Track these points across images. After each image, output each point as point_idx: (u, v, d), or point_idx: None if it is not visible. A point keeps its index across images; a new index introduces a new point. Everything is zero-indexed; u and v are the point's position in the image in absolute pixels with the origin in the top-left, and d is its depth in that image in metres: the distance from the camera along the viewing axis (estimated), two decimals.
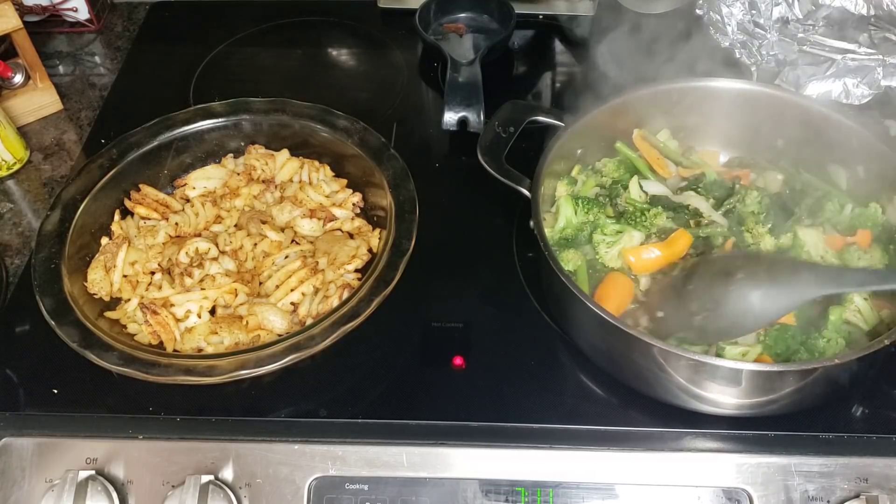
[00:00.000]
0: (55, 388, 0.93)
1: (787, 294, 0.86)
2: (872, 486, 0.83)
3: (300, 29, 1.49)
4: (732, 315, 0.86)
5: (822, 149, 1.03)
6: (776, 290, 0.86)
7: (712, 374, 0.81)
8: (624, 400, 0.91)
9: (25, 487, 0.85)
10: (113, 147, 1.09)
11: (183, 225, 1.05)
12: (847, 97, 1.18)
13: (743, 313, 0.86)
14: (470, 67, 1.26)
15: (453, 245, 1.09)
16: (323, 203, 1.08)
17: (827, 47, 1.21)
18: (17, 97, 1.30)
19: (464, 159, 1.20)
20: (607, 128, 1.07)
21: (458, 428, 0.89)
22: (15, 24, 1.23)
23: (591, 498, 0.85)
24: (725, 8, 1.27)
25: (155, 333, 0.94)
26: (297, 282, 0.97)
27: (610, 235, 0.97)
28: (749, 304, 0.86)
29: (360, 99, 1.33)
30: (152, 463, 0.86)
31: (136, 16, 1.54)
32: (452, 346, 0.97)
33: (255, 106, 1.14)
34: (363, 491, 0.85)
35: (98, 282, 0.98)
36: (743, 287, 0.86)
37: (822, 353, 0.86)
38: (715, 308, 0.87)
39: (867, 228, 0.98)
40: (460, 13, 1.45)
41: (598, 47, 1.40)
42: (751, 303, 0.86)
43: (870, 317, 0.90)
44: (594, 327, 0.88)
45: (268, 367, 0.85)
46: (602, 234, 0.97)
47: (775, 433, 0.87)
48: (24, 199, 1.20)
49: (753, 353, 0.87)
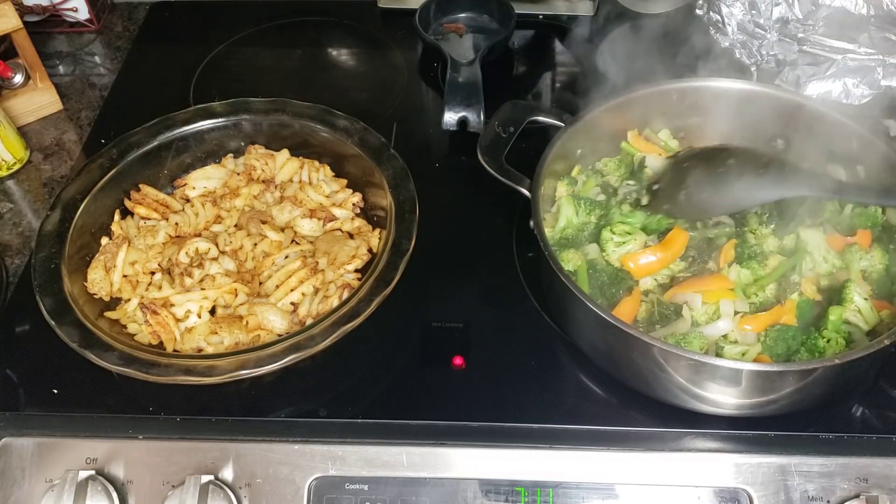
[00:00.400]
0: (55, 388, 0.93)
1: (766, 187, 0.93)
2: (872, 486, 0.83)
3: (300, 29, 1.49)
4: (713, 193, 0.95)
5: (821, 149, 1.03)
6: (759, 181, 0.93)
7: (712, 374, 0.81)
8: (624, 400, 0.91)
9: (25, 487, 0.85)
10: (113, 147, 1.09)
11: (183, 225, 1.05)
12: (847, 97, 1.18)
13: (723, 193, 0.94)
14: (470, 67, 1.26)
15: (453, 245, 1.09)
16: (323, 203, 1.08)
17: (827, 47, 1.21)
18: (17, 97, 1.30)
19: (464, 159, 1.20)
20: (607, 128, 1.08)
21: (458, 428, 0.89)
22: (15, 24, 1.23)
23: (591, 498, 0.85)
24: (725, 8, 1.26)
25: (155, 333, 0.94)
26: (297, 282, 0.97)
27: (619, 235, 0.97)
28: (730, 187, 0.94)
29: (360, 99, 1.33)
30: (152, 463, 0.86)
31: (136, 16, 1.54)
32: (452, 346, 0.97)
33: (255, 106, 1.14)
34: (363, 491, 0.85)
35: (98, 282, 0.98)
36: (731, 171, 0.94)
37: (822, 353, 0.86)
38: (699, 186, 0.95)
39: (867, 228, 0.98)
40: (460, 13, 1.45)
41: (598, 47, 1.40)
42: (732, 186, 0.94)
43: (870, 317, 0.90)
44: (594, 327, 0.88)
45: (268, 367, 0.85)
46: (611, 232, 0.97)
47: (775, 433, 0.87)
48: (24, 199, 1.20)
49: (753, 352, 0.88)
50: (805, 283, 0.93)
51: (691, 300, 0.91)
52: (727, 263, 0.95)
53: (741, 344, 0.88)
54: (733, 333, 0.89)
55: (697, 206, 0.96)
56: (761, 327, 0.88)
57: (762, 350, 0.88)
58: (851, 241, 0.97)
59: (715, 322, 0.89)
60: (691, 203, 0.96)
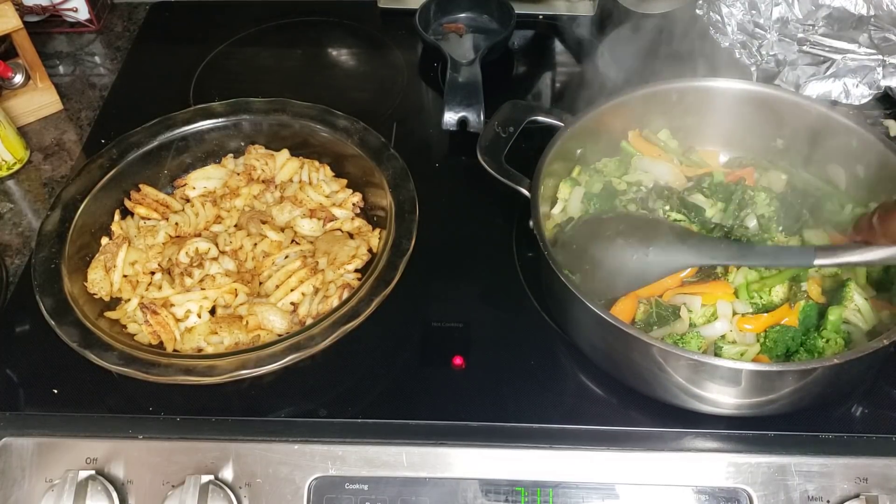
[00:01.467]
0: (55, 388, 0.93)
1: (660, 262, 0.88)
2: (872, 486, 0.83)
3: (300, 29, 1.49)
4: (608, 275, 0.90)
5: (821, 149, 1.03)
6: (650, 258, 0.88)
7: (712, 374, 0.81)
8: (624, 400, 0.91)
9: (25, 487, 0.85)
10: (113, 147, 1.09)
11: (183, 225, 1.06)
12: (847, 97, 1.18)
13: (621, 274, 0.89)
14: (470, 67, 1.26)
15: (453, 245, 1.09)
16: (323, 203, 1.08)
17: (827, 47, 1.22)
18: (17, 97, 1.30)
19: (464, 159, 1.20)
20: (607, 128, 1.07)
21: (458, 428, 0.89)
22: (15, 24, 1.23)
23: (591, 498, 0.85)
24: (725, 8, 1.27)
25: (155, 333, 0.94)
26: (297, 282, 0.97)
27: None
28: (626, 266, 0.89)
29: (360, 99, 1.33)
30: (152, 463, 0.86)
31: (136, 16, 1.54)
32: (452, 346, 0.97)
33: (255, 106, 1.14)
34: (363, 491, 0.85)
35: (98, 282, 0.98)
36: (620, 251, 0.89)
37: (822, 353, 0.86)
38: (593, 267, 0.90)
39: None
40: (460, 13, 1.45)
41: (598, 47, 1.40)
42: (626, 265, 0.89)
43: (870, 317, 0.90)
44: (594, 327, 0.88)
45: (268, 367, 0.85)
46: None
47: (775, 433, 0.87)
48: (24, 199, 1.20)
49: (752, 352, 0.87)
50: (811, 284, 0.93)
51: (690, 302, 0.91)
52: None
53: (740, 344, 0.88)
54: (731, 334, 0.89)
55: (596, 290, 0.89)
56: (762, 328, 0.88)
57: (762, 351, 0.88)
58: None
59: (712, 323, 0.89)
60: (589, 287, 0.89)
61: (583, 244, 0.93)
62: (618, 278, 0.90)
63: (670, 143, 1.11)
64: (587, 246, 0.92)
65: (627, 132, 1.10)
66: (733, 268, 0.93)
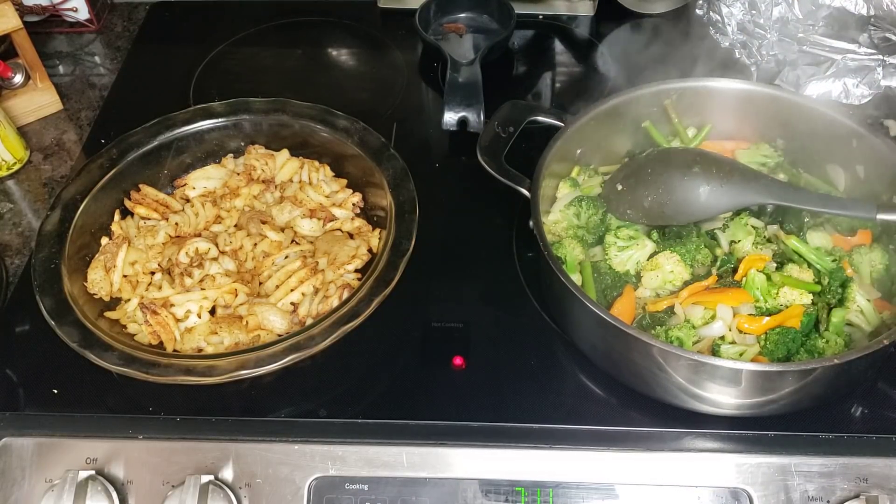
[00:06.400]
0: (55, 388, 0.93)
1: (730, 195, 0.94)
2: (872, 486, 0.83)
3: (300, 29, 1.49)
4: (678, 203, 0.95)
5: (821, 149, 1.03)
6: (723, 190, 0.94)
7: (712, 375, 0.81)
8: (624, 400, 0.91)
9: (25, 487, 0.85)
10: (113, 147, 1.09)
11: (183, 225, 1.06)
12: (847, 97, 1.18)
13: (688, 203, 0.95)
14: (470, 67, 1.26)
15: (453, 245, 1.09)
16: (323, 203, 1.08)
17: (827, 47, 1.22)
18: (17, 97, 1.30)
19: (464, 159, 1.20)
20: (607, 128, 1.07)
21: (458, 428, 0.89)
22: (15, 24, 1.23)
23: (591, 498, 0.85)
24: (725, 8, 1.27)
25: (155, 333, 0.94)
26: (297, 282, 0.97)
27: (622, 240, 0.96)
28: (695, 196, 0.94)
29: (360, 99, 1.33)
30: (152, 463, 0.86)
31: (136, 16, 1.53)
32: (452, 346, 0.97)
33: (255, 106, 1.14)
34: (363, 491, 0.85)
35: (98, 282, 0.98)
36: (695, 179, 0.94)
37: (822, 353, 0.86)
38: (665, 193, 0.96)
39: (867, 228, 0.98)
40: (460, 13, 1.45)
41: (598, 47, 1.40)
42: (697, 195, 0.94)
43: (872, 318, 0.90)
44: (594, 327, 0.88)
45: (268, 367, 0.85)
46: (615, 237, 0.97)
47: (775, 433, 0.87)
48: (24, 199, 1.20)
49: (751, 352, 0.87)
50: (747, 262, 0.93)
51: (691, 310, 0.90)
52: (749, 270, 0.92)
53: (739, 344, 0.88)
54: (730, 334, 0.89)
55: (663, 213, 0.96)
56: (763, 330, 0.88)
57: (762, 353, 0.87)
58: (855, 244, 0.96)
59: (710, 324, 0.89)
60: (657, 211, 0.96)
61: (658, 169, 0.98)
62: (685, 206, 0.95)
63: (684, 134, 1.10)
64: (662, 171, 0.97)
65: (629, 131, 1.09)
66: (745, 273, 0.91)
